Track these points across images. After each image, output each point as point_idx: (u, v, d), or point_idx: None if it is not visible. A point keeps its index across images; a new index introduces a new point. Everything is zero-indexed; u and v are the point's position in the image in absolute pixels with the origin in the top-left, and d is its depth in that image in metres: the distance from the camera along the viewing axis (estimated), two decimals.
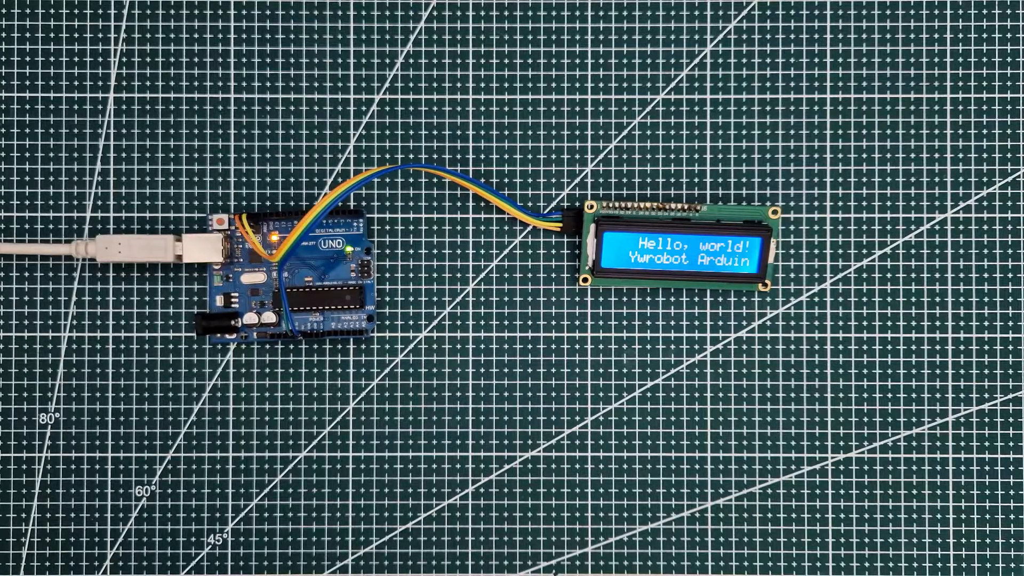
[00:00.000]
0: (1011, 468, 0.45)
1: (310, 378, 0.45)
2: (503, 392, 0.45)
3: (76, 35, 0.45)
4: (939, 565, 0.45)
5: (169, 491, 0.45)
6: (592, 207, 0.44)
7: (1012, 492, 0.45)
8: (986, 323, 0.45)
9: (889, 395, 0.45)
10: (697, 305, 0.45)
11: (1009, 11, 0.46)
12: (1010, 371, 0.45)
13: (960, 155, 0.45)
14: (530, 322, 0.45)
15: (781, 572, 0.45)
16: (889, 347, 0.45)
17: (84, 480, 0.45)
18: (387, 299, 0.46)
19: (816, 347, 0.45)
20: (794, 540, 0.45)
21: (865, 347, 0.45)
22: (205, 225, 0.45)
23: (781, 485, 0.45)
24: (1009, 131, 0.45)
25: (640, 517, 0.45)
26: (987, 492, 0.45)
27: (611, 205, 0.44)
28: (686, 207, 0.44)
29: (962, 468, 0.45)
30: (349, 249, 0.45)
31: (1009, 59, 0.45)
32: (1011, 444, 0.45)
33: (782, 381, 0.45)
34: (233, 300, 0.45)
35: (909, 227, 0.45)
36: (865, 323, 0.45)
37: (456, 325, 0.46)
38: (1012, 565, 0.45)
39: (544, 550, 0.45)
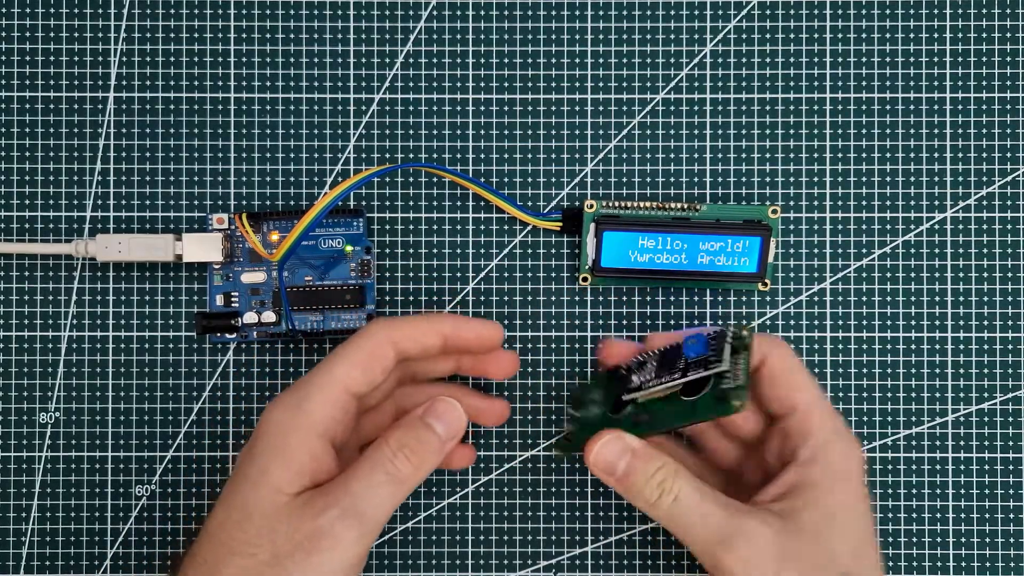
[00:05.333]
0: (1011, 467, 0.45)
1: None
2: (503, 392, 0.45)
3: (76, 35, 0.45)
4: (939, 564, 0.45)
5: (169, 491, 0.45)
6: (592, 206, 0.44)
7: (1012, 491, 0.45)
8: (985, 323, 0.45)
9: (889, 395, 0.45)
10: (697, 304, 0.45)
11: (1009, 11, 0.46)
12: (1009, 370, 0.45)
13: (960, 155, 0.45)
14: (530, 322, 0.45)
15: None
16: (889, 347, 0.45)
17: (84, 480, 0.45)
18: (387, 299, 0.46)
19: (816, 347, 0.45)
20: None
21: (865, 347, 0.45)
22: (205, 224, 0.45)
23: None
24: (1009, 131, 0.45)
25: (640, 516, 0.45)
26: (987, 491, 0.45)
27: (611, 204, 0.44)
28: (686, 206, 0.44)
29: (962, 467, 0.45)
30: (349, 248, 0.45)
31: (1009, 59, 0.45)
32: (1011, 443, 0.45)
33: None
34: (233, 299, 0.45)
35: (909, 227, 0.45)
36: (865, 323, 0.45)
37: None
38: (1012, 565, 0.45)
39: (544, 549, 0.45)
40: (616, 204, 0.44)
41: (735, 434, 0.41)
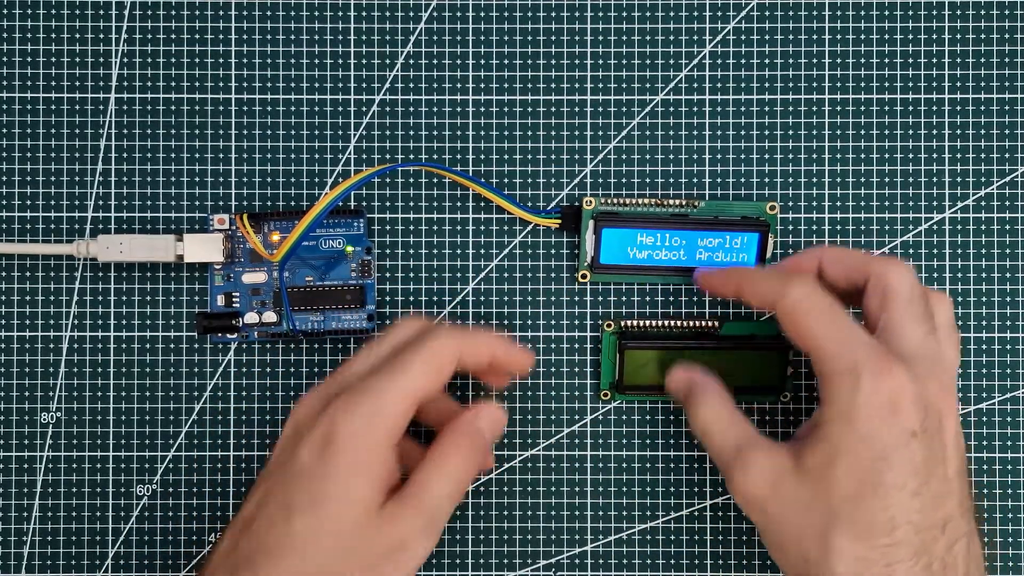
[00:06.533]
0: (1009, 467, 0.45)
1: (311, 378, 0.46)
2: (503, 391, 0.45)
3: (77, 36, 0.46)
4: None
5: (169, 491, 0.45)
6: (590, 203, 0.44)
7: (1010, 491, 0.45)
8: (984, 323, 0.45)
9: None
10: (696, 304, 0.46)
11: (1008, 11, 0.46)
12: (1008, 370, 0.45)
13: (958, 155, 0.46)
14: (530, 321, 0.45)
15: (780, 571, 0.45)
16: None
17: (85, 479, 0.45)
18: (387, 299, 0.46)
19: None
20: None
21: None
22: (206, 225, 0.45)
23: None
24: (1007, 131, 0.46)
25: (639, 516, 0.45)
26: (985, 491, 0.45)
27: (609, 201, 0.44)
28: (684, 203, 0.44)
29: None
30: (349, 249, 0.45)
31: (1008, 59, 0.46)
32: (1009, 443, 0.45)
33: None
34: (234, 300, 0.45)
35: (907, 227, 0.45)
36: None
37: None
38: (1011, 564, 0.45)
39: (543, 548, 0.45)
40: (615, 201, 0.44)
41: None
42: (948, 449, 0.37)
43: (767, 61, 0.46)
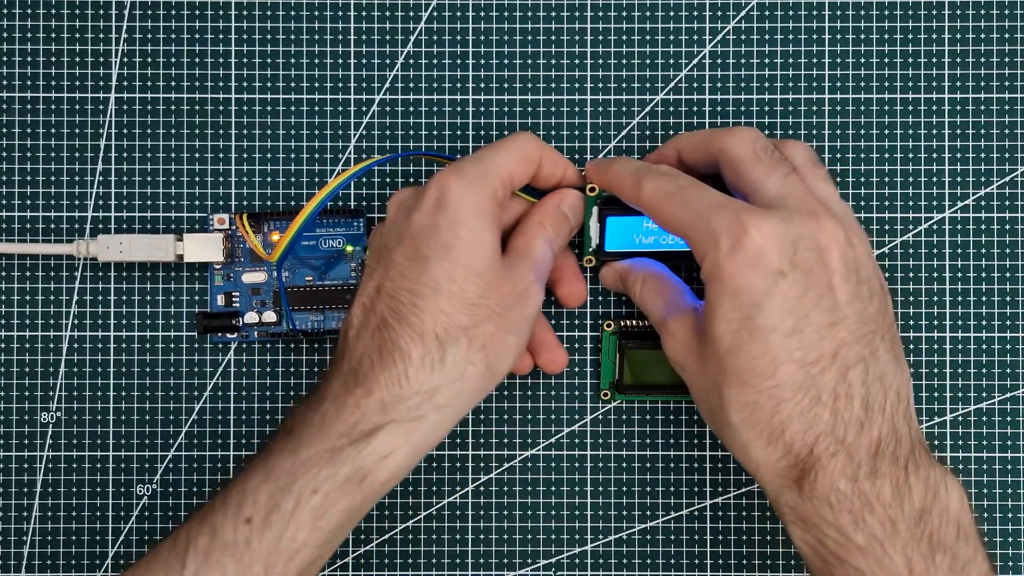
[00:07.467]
0: (1008, 467, 0.45)
1: (310, 377, 0.46)
2: (503, 390, 0.46)
3: (77, 36, 0.46)
4: None
5: (169, 491, 0.45)
6: (594, 190, 0.43)
7: (1010, 491, 0.45)
8: (983, 322, 0.45)
9: None
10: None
11: (1008, 11, 0.46)
12: (1007, 370, 0.45)
13: (958, 155, 0.46)
14: None
15: (780, 570, 0.45)
16: None
17: (85, 479, 0.45)
18: None
19: None
20: None
21: None
22: (206, 225, 0.45)
23: None
24: (1007, 131, 0.46)
25: (639, 516, 0.45)
26: (984, 491, 0.45)
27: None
28: None
29: (960, 467, 0.45)
30: (349, 248, 0.45)
31: (1007, 59, 0.46)
32: (1008, 443, 0.45)
33: None
34: (234, 299, 0.45)
35: (907, 227, 0.45)
36: None
37: None
38: (1010, 564, 0.45)
39: (543, 548, 0.45)
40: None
41: None
42: (835, 277, 0.37)
43: (767, 61, 0.46)
